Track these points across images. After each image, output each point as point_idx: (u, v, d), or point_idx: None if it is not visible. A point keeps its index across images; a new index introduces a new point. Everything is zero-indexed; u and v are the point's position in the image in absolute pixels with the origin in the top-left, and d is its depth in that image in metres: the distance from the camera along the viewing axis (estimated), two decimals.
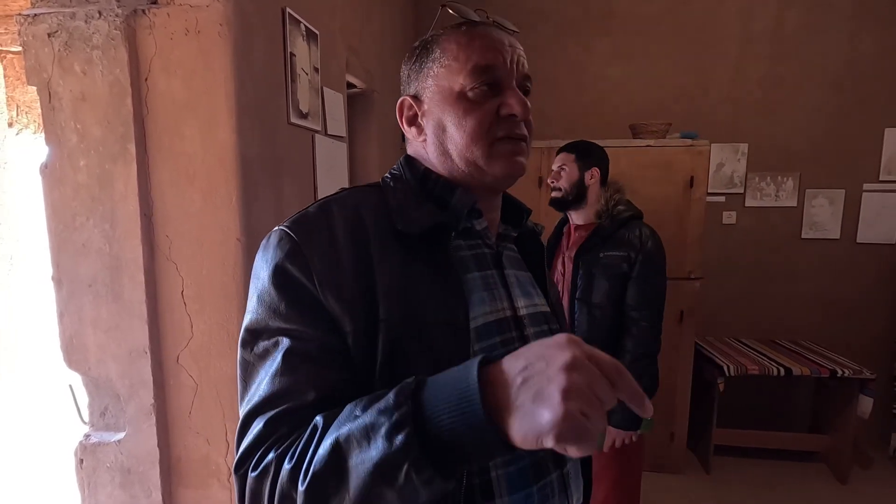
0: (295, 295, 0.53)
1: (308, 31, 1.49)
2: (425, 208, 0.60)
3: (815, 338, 2.93)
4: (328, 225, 0.56)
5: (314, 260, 0.54)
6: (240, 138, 1.16)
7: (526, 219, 0.73)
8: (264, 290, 0.55)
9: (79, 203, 1.16)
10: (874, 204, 2.83)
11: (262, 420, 0.50)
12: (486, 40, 0.61)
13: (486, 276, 0.63)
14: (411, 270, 0.56)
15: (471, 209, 0.63)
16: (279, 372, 0.51)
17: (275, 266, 0.54)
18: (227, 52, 1.13)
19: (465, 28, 0.63)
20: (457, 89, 0.60)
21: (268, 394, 0.51)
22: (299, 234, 0.55)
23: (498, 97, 0.61)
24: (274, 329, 0.53)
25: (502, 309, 0.63)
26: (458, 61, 0.60)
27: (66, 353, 1.21)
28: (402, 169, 0.66)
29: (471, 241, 0.65)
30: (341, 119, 1.79)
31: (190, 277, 1.19)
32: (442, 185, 0.64)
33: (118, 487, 1.23)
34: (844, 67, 2.78)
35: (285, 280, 0.54)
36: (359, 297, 0.53)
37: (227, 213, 1.17)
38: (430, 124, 0.63)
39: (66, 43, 1.12)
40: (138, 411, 1.21)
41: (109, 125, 1.13)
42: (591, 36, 2.94)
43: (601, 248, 1.61)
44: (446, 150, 0.63)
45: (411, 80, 0.66)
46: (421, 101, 0.64)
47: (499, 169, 0.61)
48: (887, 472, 2.71)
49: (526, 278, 0.70)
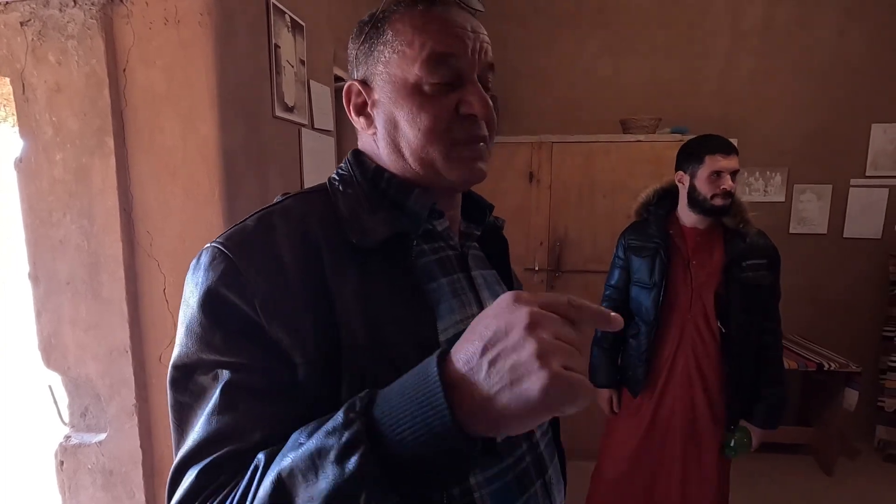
0: (232, 324, 0.45)
1: (293, 23, 1.46)
2: (380, 215, 0.53)
3: (803, 332, 2.96)
4: (270, 240, 0.49)
5: (255, 282, 0.46)
6: (222, 132, 1.13)
7: (489, 215, 0.67)
8: (194, 320, 0.46)
9: (55, 198, 1.12)
10: (861, 199, 2.86)
11: (195, 469, 0.42)
12: (445, 24, 0.53)
13: (452, 282, 0.58)
14: (371, 289, 0.50)
15: (430, 210, 0.56)
16: (216, 410, 0.43)
17: (206, 290, 0.46)
18: (209, 42, 1.09)
19: (421, 7, 0.53)
20: (411, 80, 0.52)
21: (203, 437, 0.43)
22: (236, 251, 0.48)
23: (457, 91, 0.53)
24: (210, 362, 0.45)
25: (472, 315, 0.57)
26: (413, 47, 0.52)
27: (44, 352, 1.18)
28: (351, 169, 0.58)
29: (433, 243, 0.58)
30: (329, 113, 1.75)
31: (172, 275, 1.16)
32: (396, 186, 0.56)
33: (100, 489, 1.21)
34: (832, 63, 2.80)
35: (220, 306, 0.46)
36: (310, 323, 0.46)
37: (210, 208, 1.14)
38: (380, 116, 0.56)
39: (40, 32, 1.08)
40: (120, 411, 1.18)
41: (86, 118, 1.09)
42: (583, 30, 2.93)
43: (743, 257, 1.52)
44: (398, 147, 0.55)
45: (359, 63, 0.57)
46: (371, 89, 0.56)
47: (456, 175, 0.55)
48: (872, 463, 2.75)
49: (492, 277, 0.66)
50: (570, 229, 2.60)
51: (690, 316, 1.58)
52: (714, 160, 1.49)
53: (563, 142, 2.55)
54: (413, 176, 0.56)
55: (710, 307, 1.56)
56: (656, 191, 1.69)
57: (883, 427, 2.83)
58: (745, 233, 1.53)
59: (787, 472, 2.65)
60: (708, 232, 1.58)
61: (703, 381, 1.60)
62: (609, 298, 1.77)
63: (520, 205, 2.59)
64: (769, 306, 1.58)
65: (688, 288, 1.57)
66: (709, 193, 1.50)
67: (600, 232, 2.54)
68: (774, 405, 1.59)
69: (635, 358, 1.65)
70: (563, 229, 2.60)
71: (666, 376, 1.62)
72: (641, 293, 1.64)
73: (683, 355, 1.60)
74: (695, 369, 1.59)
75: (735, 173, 1.51)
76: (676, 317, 1.59)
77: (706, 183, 1.50)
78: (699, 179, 1.52)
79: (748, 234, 1.54)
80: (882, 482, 2.58)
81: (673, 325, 1.59)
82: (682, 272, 1.58)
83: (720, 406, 1.61)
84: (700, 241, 1.58)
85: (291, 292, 0.47)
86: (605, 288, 1.79)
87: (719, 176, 1.49)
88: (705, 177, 1.50)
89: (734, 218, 1.54)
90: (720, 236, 1.57)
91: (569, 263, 2.62)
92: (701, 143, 1.55)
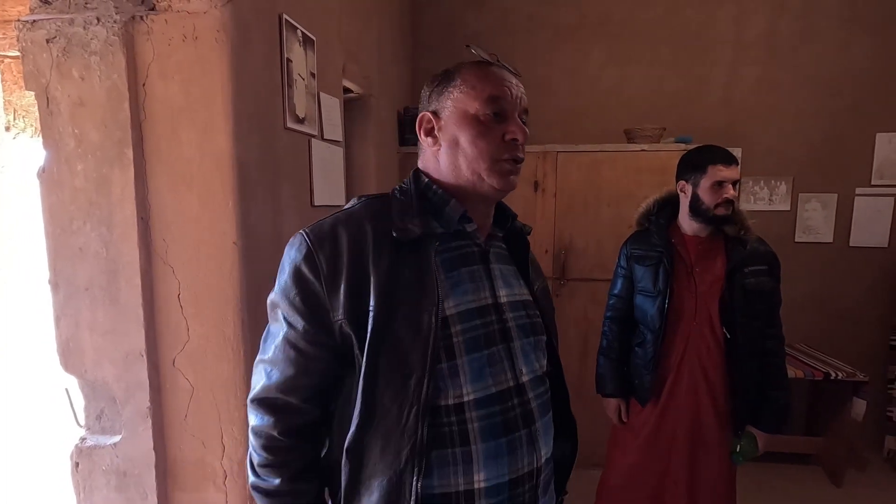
0: (305, 290, 0.72)
1: (305, 37, 1.50)
2: (418, 220, 0.75)
3: (809, 341, 2.94)
4: (335, 235, 0.73)
5: (322, 264, 0.71)
6: (237, 143, 1.17)
7: (511, 221, 0.86)
8: (287, 281, 0.73)
9: (76, 207, 1.17)
10: (866, 208, 2.86)
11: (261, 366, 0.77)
12: (498, 76, 0.77)
13: (472, 271, 0.78)
14: (399, 271, 0.72)
15: (461, 216, 0.77)
16: (278, 347, 0.75)
17: (294, 264, 0.73)
18: (225, 57, 1.14)
19: (484, 65, 0.78)
20: (472, 112, 0.75)
21: (267, 356, 0.76)
22: (314, 241, 0.73)
23: (503, 124, 0.76)
24: (285, 312, 0.74)
25: (484, 297, 0.77)
26: (476, 90, 0.76)
27: (62, 356, 1.22)
28: (410, 183, 0.81)
29: (461, 241, 0.79)
30: (338, 124, 1.80)
31: (186, 281, 1.19)
32: (439, 197, 0.78)
33: (114, 490, 1.24)
34: (837, 73, 2.81)
35: (300, 278, 0.72)
36: (351, 293, 0.71)
37: (224, 217, 1.17)
38: (445, 137, 0.78)
39: (65, 49, 1.13)
40: (134, 414, 1.21)
41: (107, 130, 1.14)
42: (587, 42, 2.97)
43: (744, 263, 1.54)
44: (456, 159, 0.77)
45: (432, 100, 0.80)
46: (439, 118, 0.78)
47: (496, 182, 0.76)
48: (882, 474, 2.72)
49: (510, 271, 0.84)
50: (575, 237, 2.62)
51: (696, 323, 1.59)
52: (716, 170, 1.51)
53: (568, 151, 2.58)
54: (463, 181, 0.77)
55: (715, 314, 1.57)
56: (657, 200, 1.71)
57: (892, 437, 2.80)
58: (746, 240, 1.55)
59: (796, 483, 2.63)
60: (709, 240, 1.60)
61: (709, 387, 1.60)
62: (613, 308, 1.78)
63: (525, 213, 2.62)
64: (771, 312, 1.59)
65: (692, 295, 1.59)
66: (711, 203, 1.53)
67: (605, 240, 2.56)
68: (779, 409, 1.59)
69: (642, 367, 1.66)
70: (568, 237, 2.63)
71: (672, 383, 1.63)
72: (646, 302, 1.65)
73: (689, 362, 1.61)
74: (700, 376, 1.60)
75: (736, 183, 1.53)
76: (682, 324, 1.60)
77: (708, 192, 1.53)
78: (702, 189, 1.54)
79: (748, 241, 1.56)
80: (892, 493, 2.55)
81: (678, 333, 1.60)
82: (685, 280, 1.60)
83: (726, 412, 1.62)
84: (702, 249, 1.60)
85: (343, 271, 0.71)
86: (609, 297, 1.80)
87: (721, 186, 1.51)
88: (708, 186, 1.52)
89: (735, 226, 1.56)
90: (721, 244, 1.59)
91: (574, 271, 2.64)
92: (703, 153, 1.58)
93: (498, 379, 0.75)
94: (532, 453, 0.76)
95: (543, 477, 0.80)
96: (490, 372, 0.74)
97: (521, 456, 0.75)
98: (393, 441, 0.70)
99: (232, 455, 1.24)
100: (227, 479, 1.25)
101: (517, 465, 0.74)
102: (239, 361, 1.21)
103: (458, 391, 0.72)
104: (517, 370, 0.77)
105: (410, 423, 0.69)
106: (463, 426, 0.72)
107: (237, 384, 1.22)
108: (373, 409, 0.71)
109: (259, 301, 1.26)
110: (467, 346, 0.73)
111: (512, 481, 0.74)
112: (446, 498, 0.71)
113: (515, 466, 0.74)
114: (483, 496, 0.72)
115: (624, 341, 1.74)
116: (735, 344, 1.55)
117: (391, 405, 0.70)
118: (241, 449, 1.24)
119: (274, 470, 0.76)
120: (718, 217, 1.53)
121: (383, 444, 0.70)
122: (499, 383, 0.75)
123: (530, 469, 0.76)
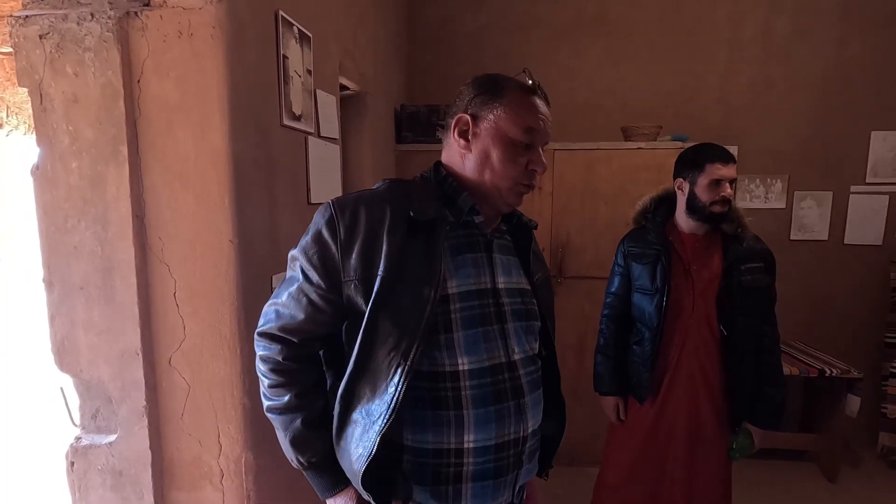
0: (323, 250, 0.83)
1: (301, 34, 1.50)
2: (433, 203, 0.84)
3: (805, 338, 2.96)
4: (356, 209, 0.83)
5: (341, 229, 0.82)
6: (232, 140, 1.16)
7: (516, 218, 0.96)
8: (308, 240, 0.84)
9: (71, 205, 1.15)
10: (861, 206, 2.88)
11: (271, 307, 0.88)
12: (539, 110, 0.87)
13: (475, 257, 0.87)
14: (409, 246, 0.81)
15: (471, 207, 0.86)
16: (291, 294, 0.85)
17: (317, 229, 0.84)
18: (220, 54, 1.13)
19: (529, 93, 0.87)
20: (510, 135, 0.84)
21: (280, 300, 0.87)
22: (337, 210, 0.83)
23: (528, 153, 0.86)
24: (303, 265, 0.84)
25: (483, 282, 0.87)
26: (519, 116, 0.85)
27: (57, 355, 1.21)
28: (432, 172, 0.91)
29: (469, 230, 0.89)
30: (334, 121, 1.79)
31: (182, 279, 1.19)
32: (454, 189, 0.88)
33: (109, 490, 1.23)
34: (832, 71, 2.83)
35: (320, 240, 0.83)
36: (364, 258, 0.81)
37: (220, 214, 1.17)
38: (478, 146, 0.86)
39: (58, 45, 1.11)
40: (130, 413, 1.20)
41: (101, 127, 1.13)
42: (584, 40, 2.97)
43: (741, 261, 1.54)
44: (483, 169, 0.86)
45: (473, 105, 0.87)
46: (477, 125, 0.86)
47: (512, 200, 0.88)
48: (876, 470, 2.75)
49: (512, 262, 0.93)
50: (573, 236, 2.63)
51: (693, 320, 1.59)
52: (714, 168, 1.52)
53: (565, 149, 2.58)
54: (484, 190, 0.87)
55: (712, 311, 1.58)
56: (653, 198, 1.71)
57: (886, 434, 2.82)
58: (743, 237, 1.56)
59: (791, 479, 2.65)
60: (706, 237, 1.61)
61: (706, 384, 1.61)
62: (610, 306, 1.78)
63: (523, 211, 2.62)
64: (767, 309, 1.60)
65: (690, 292, 1.59)
66: (708, 201, 1.53)
67: (602, 238, 2.57)
68: (775, 406, 1.60)
69: (640, 364, 1.66)
70: (565, 236, 2.63)
71: (669, 381, 1.63)
72: (644, 299, 1.65)
73: (686, 360, 1.61)
74: (698, 372, 1.61)
75: (733, 181, 1.53)
76: (679, 322, 1.60)
77: (706, 190, 1.53)
78: (699, 187, 1.54)
79: (745, 238, 1.56)
80: (886, 489, 2.58)
81: (676, 330, 1.61)
82: (683, 277, 1.60)
83: (724, 409, 1.62)
84: (699, 247, 1.61)
85: (359, 240, 0.81)
86: (606, 295, 1.80)
87: (719, 184, 1.52)
88: (705, 184, 1.53)
89: (732, 224, 1.57)
90: (718, 241, 1.59)
91: (571, 269, 2.64)
92: (701, 151, 1.58)
93: (491, 354, 0.85)
94: (519, 423, 0.86)
95: (529, 445, 0.89)
96: (485, 347, 0.84)
97: (509, 424, 0.85)
98: (378, 394, 0.80)
99: (229, 454, 1.23)
100: (224, 478, 1.24)
101: (504, 431, 0.84)
102: (235, 360, 1.21)
103: (454, 361, 0.82)
104: (510, 349, 0.87)
105: (394, 379, 0.79)
106: (457, 392, 0.82)
107: (234, 383, 1.21)
108: (366, 361, 0.81)
109: (256, 299, 1.26)
110: (464, 323, 0.83)
111: (498, 445, 0.84)
112: (438, 453, 0.83)
113: (502, 432, 0.84)
114: (471, 455, 0.83)
115: (621, 339, 1.74)
116: (732, 341, 1.56)
117: (382, 361, 0.80)
118: (237, 447, 1.23)
119: (283, 388, 0.86)
120: (715, 215, 1.54)
121: (370, 395, 0.81)
122: (492, 358, 0.85)
123: (516, 437, 0.86)
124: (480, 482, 0.84)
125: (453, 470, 0.83)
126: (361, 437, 0.81)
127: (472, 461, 0.83)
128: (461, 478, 0.83)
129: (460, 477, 0.83)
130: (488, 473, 0.84)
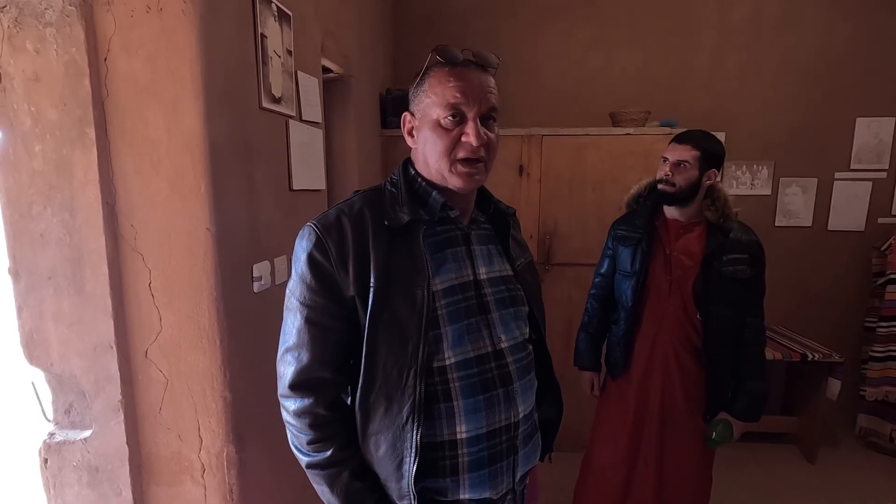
0: (319, 272, 0.81)
1: (280, 12, 1.43)
2: (406, 208, 0.84)
3: (787, 322, 3.01)
4: (340, 224, 0.82)
5: (331, 248, 0.81)
6: (207, 123, 1.10)
7: (493, 205, 0.95)
8: (301, 269, 0.82)
9: (35, 191, 1.09)
10: (845, 192, 2.91)
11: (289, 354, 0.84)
12: (460, 79, 0.81)
13: (455, 252, 0.88)
14: (393, 254, 0.82)
15: (442, 205, 0.86)
16: (299, 331, 0.83)
17: (307, 254, 0.82)
18: (192, 31, 1.07)
19: (447, 68, 0.82)
20: (434, 117, 0.82)
21: (289, 344, 0.84)
22: (322, 231, 0.82)
23: (462, 125, 0.81)
24: (303, 295, 0.82)
25: (465, 275, 0.87)
26: (437, 96, 0.81)
27: (26, 348, 1.15)
28: (399, 174, 0.89)
29: (446, 226, 0.88)
30: (317, 104, 1.73)
31: (157, 269, 1.14)
32: (424, 188, 0.87)
33: (86, 487, 1.19)
34: (819, 57, 2.83)
35: (314, 263, 0.81)
36: (357, 270, 0.81)
37: (196, 201, 1.12)
38: (419, 138, 0.86)
39: (16, 19, 1.04)
40: (105, 408, 1.16)
41: (66, 108, 1.06)
42: (572, 24, 2.92)
43: (724, 251, 1.53)
44: (426, 159, 0.85)
45: (412, 100, 0.87)
46: (415, 118, 0.86)
47: (456, 182, 0.83)
48: (854, 451, 2.82)
49: (493, 250, 0.93)
50: (560, 222, 2.61)
51: (669, 306, 1.60)
52: (667, 148, 1.59)
53: (552, 135, 2.55)
54: (434, 179, 0.86)
55: (689, 298, 1.59)
56: (649, 183, 1.72)
57: (864, 415, 2.89)
58: (727, 228, 1.55)
59: (771, 460, 2.70)
60: (691, 225, 1.61)
61: (680, 369, 1.62)
62: (597, 286, 1.81)
63: (510, 198, 2.59)
64: (751, 301, 1.59)
65: (667, 278, 1.60)
66: (656, 180, 1.59)
67: (590, 225, 2.56)
68: (755, 399, 1.61)
69: (615, 343, 1.72)
70: (552, 222, 2.61)
71: (646, 364, 1.65)
72: (623, 281, 1.67)
73: (662, 344, 1.63)
74: (673, 358, 1.62)
75: (681, 164, 1.53)
76: (654, 305, 1.63)
77: (659, 170, 1.60)
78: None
79: (730, 228, 1.56)
80: (863, 469, 2.65)
81: (651, 313, 1.63)
82: (662, 262, 1.61)
83: (697, 396, 1.63)
84: (681, 234, 1.61)
85: (350, 253, 0.81)
86: (595, 276, 1.82)
87: (664, 162, 1.57)
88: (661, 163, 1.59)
89: (715, 212, 1.57)
90: (703, 230, 1.59)
91: (559, 256, 2.63)
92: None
93: (476, 345, 0.85)
94: (509, 409, 0.87)
95: (522, 430, 0.90)
96: (469, 339, 0.85)
97: (499, 412, 0.86)
98: (395, 400, 0.81)
99: (210, 447, 1.20)
100: (205, 473, 1.21)
101: (494, 419, 0.85)
102: (215, 351, 1.17)
103: (442, 356, 0.83)
104: (495, 338, 0.87)
105: (409, 382, 0.80)
106: (446, 385, 0.83)
107: (214, 375, 1.17)
108: (375, 372, 0.81)
109: (235, 289, 1.21)
110: (450, 318, 0.83)
111: (489, 433, 0.85)
112: (433, 446, 0.83)
113: (492, 420, 0.85)
114: (465, 445, 0.84)
115: (604, 318, 1.79)
116: (708, 329, 1.57)
117: (392, 369, 0.80)
118: (219, 441, 1.20)
119: (325, 443, 0.83)
120: (661, 194, 1.58)
121: (387, 404, 0.81)
122: (477, 349, 0.85)
123: (507, 423, 0.87)
124: (476, 472, 0.85)
125: (449, 463, 0.84)
126: (394, 445, 0.81)
127: (467, 451, 0.84)
128: (457, 469, 0.85)
129: (457, 468, 0.85)
130: (483, 462, 0.85)
